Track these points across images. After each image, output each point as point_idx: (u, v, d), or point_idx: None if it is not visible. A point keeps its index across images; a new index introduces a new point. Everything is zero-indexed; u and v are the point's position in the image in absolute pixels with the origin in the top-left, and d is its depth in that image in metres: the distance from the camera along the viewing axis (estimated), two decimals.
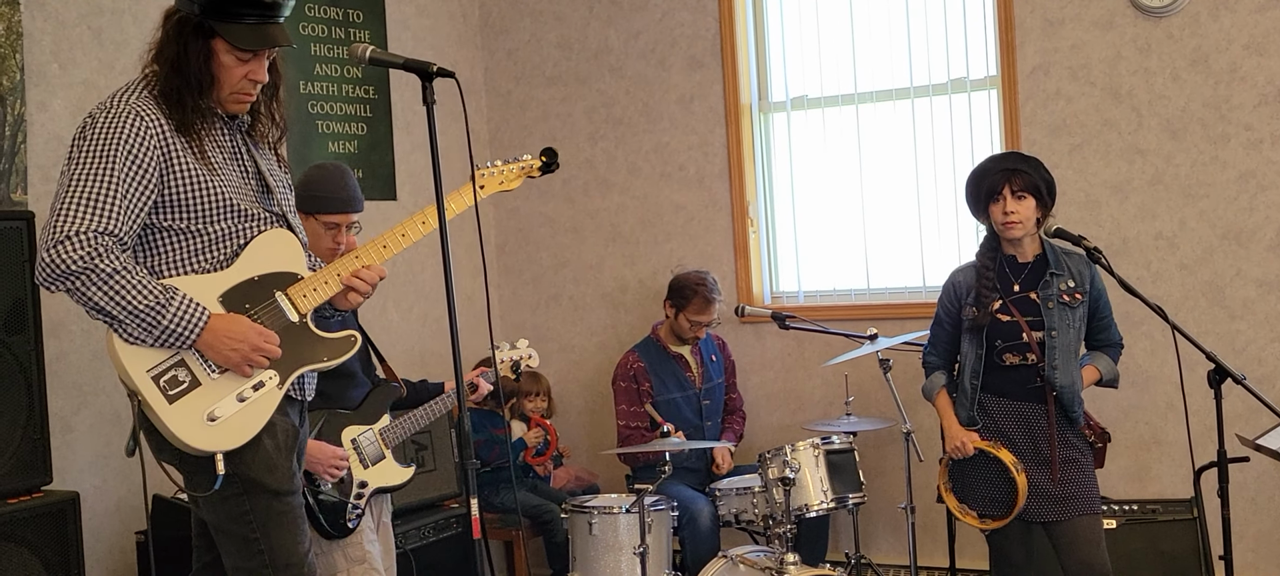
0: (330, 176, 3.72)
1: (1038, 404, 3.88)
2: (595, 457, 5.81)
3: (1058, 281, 3.89)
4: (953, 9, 5.26)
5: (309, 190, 3.66)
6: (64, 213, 2.67)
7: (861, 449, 4.86)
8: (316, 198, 3.66)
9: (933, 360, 4.10)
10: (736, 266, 5.70)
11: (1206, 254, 4.81)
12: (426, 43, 5.88)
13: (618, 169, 5.96)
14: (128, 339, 2.72)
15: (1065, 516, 3.86)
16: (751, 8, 5.69)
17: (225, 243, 2.84)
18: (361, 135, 5.58)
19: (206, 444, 2.75)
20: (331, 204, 3.67)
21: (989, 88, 5.20)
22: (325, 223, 3.65)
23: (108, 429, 4.48)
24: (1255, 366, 4.70)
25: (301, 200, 3.66)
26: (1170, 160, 4.84)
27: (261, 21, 2.79)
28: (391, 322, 5.62)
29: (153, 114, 2.75)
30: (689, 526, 4.84)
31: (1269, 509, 4.78)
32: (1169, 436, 4.89)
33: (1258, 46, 4.67)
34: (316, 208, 3.66)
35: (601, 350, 6.00)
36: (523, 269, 6.23)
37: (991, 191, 3.88)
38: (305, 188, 3.67)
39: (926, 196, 5.37)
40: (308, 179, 3.73)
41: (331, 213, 3.66)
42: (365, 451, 3.79)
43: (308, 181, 3.71)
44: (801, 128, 5.66)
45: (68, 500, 3.95)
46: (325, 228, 3.65)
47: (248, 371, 2.79)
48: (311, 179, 3.73)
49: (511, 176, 3.30)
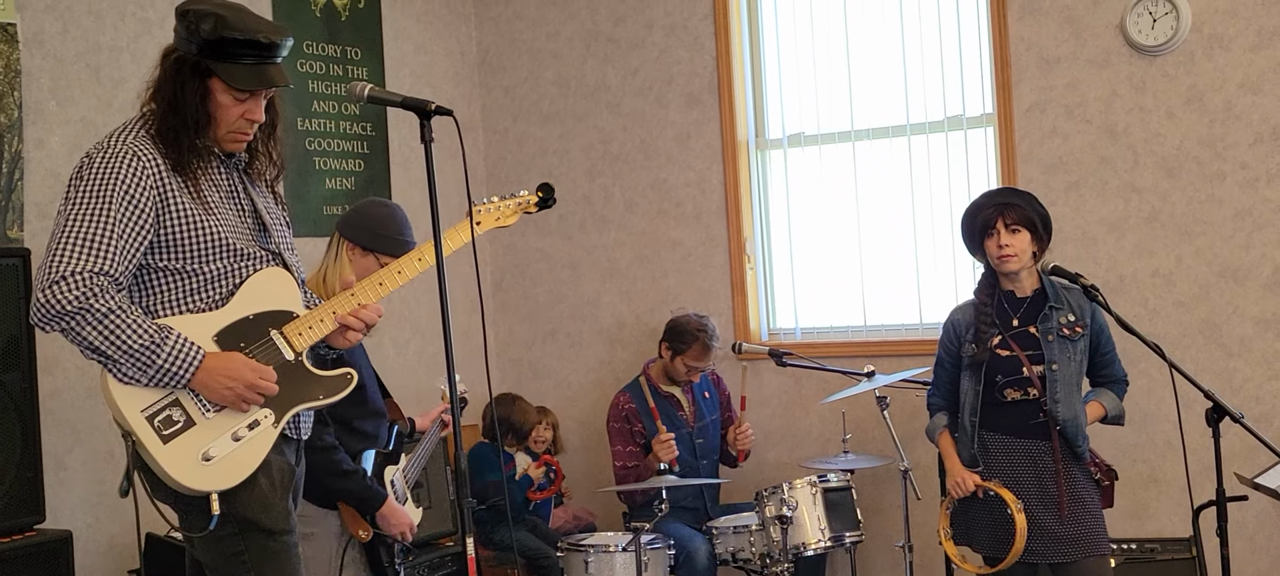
0: (398, 219, 3.70)
1: (1042, 440, 3.85)
2: (592, 496, 5.78)
3: (1057, 315, 3.89)
4: (949, 47, 5.28)
5: (378, 229, 3.64)
6: (59, 253, 2.66)
7: (859, 487, 4.84)
8: (383, 237, 3.63)
9: (936, 401, 4.08)
10: (733, 303, 5.69)
11: (1203, 292, 4.81)
12: (424, 81, 5.90)
13: (615, 205, 5.96)
14: (122, 379, 2.71)
15: (1073, 558, 3.81)
16: (748, 45, 5.72)
17: (220, 282, 2.83)
18: (359, 172, 5.58)
19: (201, 484, 2.73)
20: (397, 247, 3.62)
21: (985, 125, 5.22)
22: (383, 262, 3.59)
23: (101, 467, 4.46)
24: (1253, 405, 4.69)
25: (367, 236, 3.63)
26: (1166, 198, 4.85)
27: (259, 62, 2.80)
28: (387, 358, 5.60)
29: (149, 154, 2.75)
30: (685, 565, 4.81)
31: (1268, 548, 4.76)
32: (1167, 475, 4.87)
33: (1253, 85, 4.69)
34: (382, 247, 3.61)
35: (598, 387, 5.99)
36: (519, 305, 6.22)
37: (986, 226, 3.89)
38: (375, 226, 3.64)
39: (923, 233, 5.38)
40: (378, 217, 3.69)
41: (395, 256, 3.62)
42: (398, 492, 3.79)
43: (378, 220, 3.68)
44: (798, 165, 5.67)
45: (61, 538, 3.93)
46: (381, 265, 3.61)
47: (244, 408, 2.78)
48: (381, 217, 3.69)
49: (508, 212, 3.30)
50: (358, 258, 3.63)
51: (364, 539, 3.63)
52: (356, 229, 3.66)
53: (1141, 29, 4.81)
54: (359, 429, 3.62)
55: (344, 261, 3.62)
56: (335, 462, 3.50)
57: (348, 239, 3.66)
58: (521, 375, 6.18)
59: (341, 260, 3.63)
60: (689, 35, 5.74)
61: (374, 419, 3.70)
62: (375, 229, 3.65)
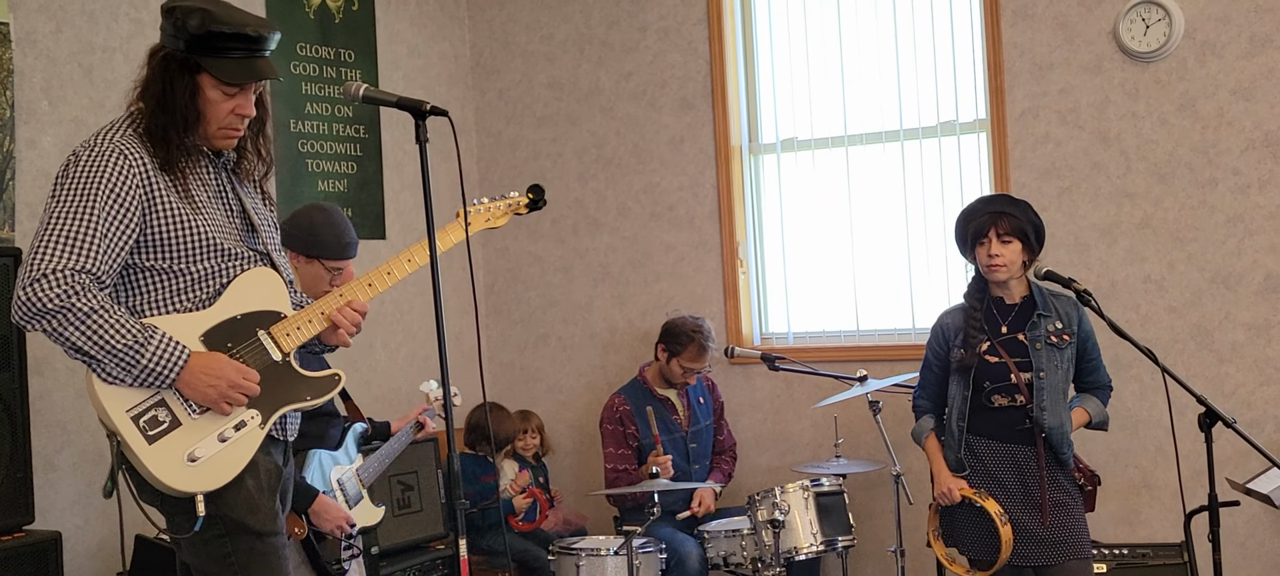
0: (335, 221, 3.74)
1: (1027, 446, 3.88)
2: (583, 499, 5.77)
3: (1045, 322, 3.90)
4: (942, 52, 5.28)
5: (314, 234, 3.67)
6: (42, 251, 2.65)
7: (851, 491, 4.84)
8: (322, 242, 3.67)
9: (922, 404, 4.09)
10: (726, 307, 5.69)
11: (1195, 297, 4.81)
12: (417, 82, 5.89)
13: (608, 209, 5.96)
14: (106, 379, 2.69)
15: (1055, 561, 3.85)
16: (742, 50, 5.72)
17: (208, 282, 2.82)
18: (351, 174, 5.57)
19: (186, 485, 2.72)
20: (338, 249, 3.71)
21: (978, 131, 5.22)
22: (328, 266, 3.66)
23: (91, 468, 4.44)
24: (1244, 410, 4.70)
25: (304, 242, 3.66)
26: (1158, 204, 4.86)
27: (248, 56, 2.78)
28: (378, 361, 5.59)
29: (137, 152, 2.74)
30: (677, 569, 4.81)
31: (1259, 553, 4.76)
32: (1159, 480, 4.87)
33: (1245, 92, 4.70)
34: (322, 252, 3.66)
35: (590, 391, 5.98)
36: (511, 309, 6.21)
37: (978, 233, 3.90)
38: (310, 231, 3.67)
39: (916, 238, 5.38)
40: (312, 222, 3.72)
41: (338, 258, 3.68)
42: (347, 491, 3.77)
43: (312, 225, 3.70)
44: (791, 169, 5.67)
45: (50, 539, 3.92)
46: (327, 270, 3.66)
47: (226, 409, 2.76)
48: (316, 222, 3.72)
49: (498, 214, 3.30)
50: (302, 265, 3.66)
51: (298, 536, 3.62)
52: (293, 238, 3.67)
53: (1134, 35, 4.82)
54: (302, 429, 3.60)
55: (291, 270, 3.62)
56: None
57: (288, 248, 3.66)
58: (513, 379, 6.18)
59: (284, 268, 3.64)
60: (683, 39, 5.74)
61: (320, 419, 3.68)
62: (312, 235, 3.68)
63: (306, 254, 3.67)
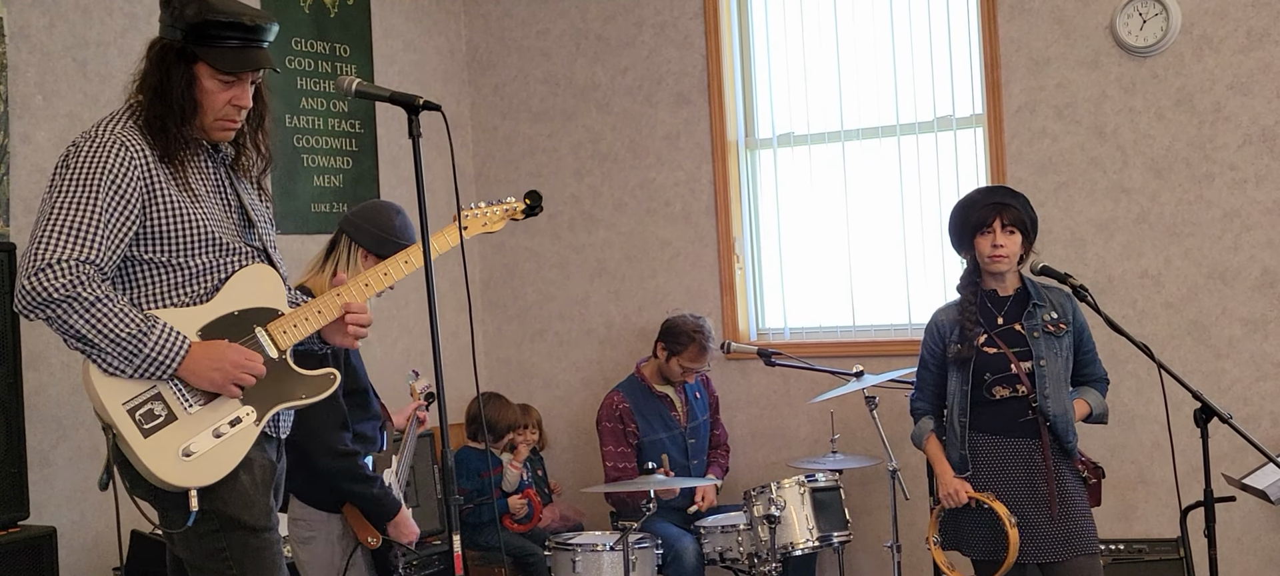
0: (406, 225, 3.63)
1: (1031, 438, 3.83)
2: (579, 495, 5.77)
3: (1041, 312, 3.88)
4: (939, 47, 5.28)
5: (389, 236, 3.57)
6: (45, 241, 2.64)
7: (847, 487, 4.84)
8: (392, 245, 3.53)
9: (920, 405, 4.03)
10: (722, 303, 5.69)
11: (1192, 293, 4.81)
12: (413, 78, 5.88)
13: (604, 205, 5.95)
14: (107, 369, 2.68)
15: (1063, 557, 3.79)
16: (738, 45, 5.71)
17: (206, 276, 2.81)
18: (347, 169, 5.56)
19: (180, 479, 2.71)
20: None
21: (975, 126, 5.22)
22: None
23: (86, 463, 4.43)
24: (1241, 405, 4.70)
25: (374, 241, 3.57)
26: (1155, 199, 4.85)
27: (244, 45, 2.78)
28: (375, 357, 5.58)
29: (137, 143, 2.73)
30: (674, 564, 4.81)
31: (1255, 548, 4.77)
32: (1155, 475, 4.88)
33: (1241, 87, 4.70)
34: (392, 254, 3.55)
35: (586, 386, 5.98)
36: (508, 304, 6.21)
37: (980, 223, 3.86)
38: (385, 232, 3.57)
39: (912, 233, 5.37)
40: (389, 225, 3.61)
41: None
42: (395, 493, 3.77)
43: (389, 227, 3.59)
44: (788, 164, 5.66)
45: (45, 535, 3.91)
46: None
47: (236, 392, 2.75)
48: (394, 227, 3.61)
49: (495, 219, 3.29)
50: (369, 265, 3.55)
51: (373, 546, 3.59)
52: (369, 236, 3.58)
53: (1131, 30, 4.82)
54: (361, 432, 3.59)
55: (357, 267, 3.56)
56: (358, 468, 3.48)
57: (361, 245, 3.59)
58: (510, 375, 6.17)
59: (356, 266, 3.57)
60: (679, 34, 5.73)
61: (373, 422, 3.68)
62: (388, 237, 3.57)
63: (378, 254, 3.53)
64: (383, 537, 3.60)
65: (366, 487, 3.52)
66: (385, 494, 3.58)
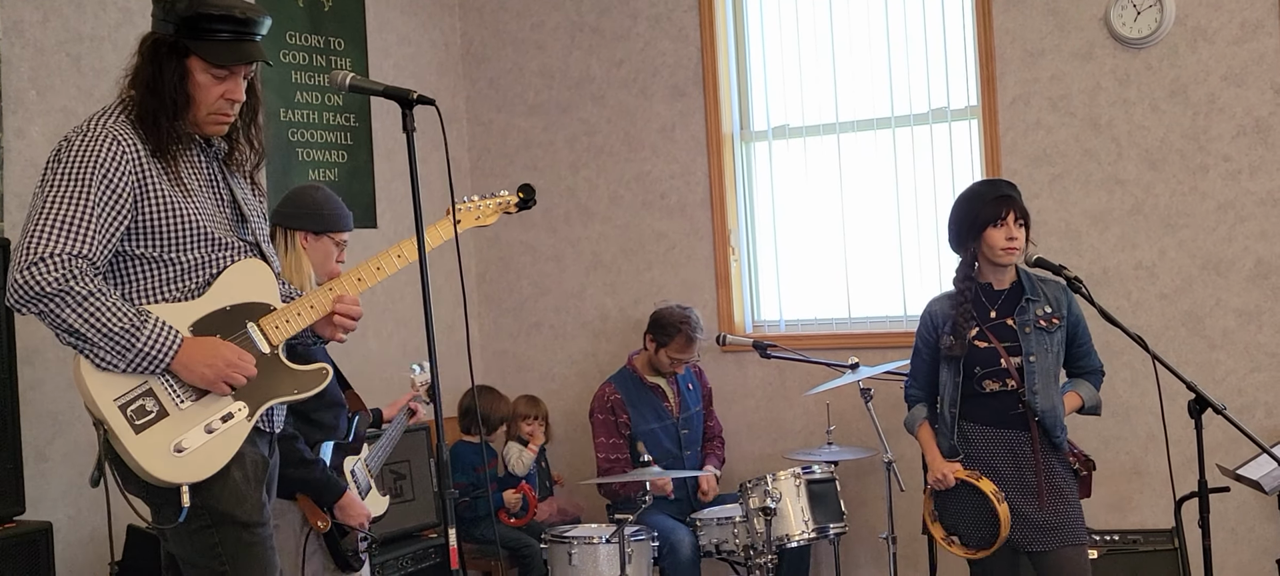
0: (330, 197, 3.73)
1: (1020, 430, 3.86)
2: (575, 488, 5.78)
3: (1034, 307, 3.89)
4: (933, 39, 5.28)
5: (320, 210, 3.65)
6: (38, 234, 2.64)
7: (843, 478, 4.85)
8: (327, 216, 3.66)
9: (914, 392, 4.07)
10: (718, 295, 5.69)
11: (1186, 284, 4.82)
12: (407, 71, 5.87)
13: (599, 197, 5.95)
14: (99, 364, 2.68)
15: (1052, 547, 3.82)
16: (733, 37, 5.71)
17: (198, 271, 2.81)
18: (342, 163, 5.56)
19: (172, 475, 2.71)
20: (344, 221, 3.70)
21: (969, 117, 5.22)
22: (336, 241, 3.67)
23: (82, 458, 4.43)
24: (1235, 396, 4.71)
25: (312, 220, 3.63)
26: (1150, 190, 4.86)
27: (237, 38, 2.78)
28: (371, 350, 5.59)
29: (129, 138, 2.73)
30: (670, 557, 4.81)
31: (1249, 539, 4.78)
32: (1150, 466, 4.89)
33: (1236, 78, 4.70)
34: (329, 226, 3.65)
35: (582, 379, 5.98)
36: (503, 297, 6.21)
37: (993, 217, 3.85)
38: (316, 209, 3.65)
39: (907, 225, 5.38)
40: (314, 200, 3.69)
41: (343, 230, 3.70)
42: (359, 482, 3.77)
43: (315, 202, 3.68)
44: (783, 156, 5.66)
45: (41, 530, 3.91)
46: (336, 244, 3.67)
47: (226, 389, 2.75)
48: (319, 199, 3.69)
49: (488, 212, 3.30)
50: (311, 243, 3.63)
51: (322, 530, 3.61)
52: (301, 217, 3.65)
53: (1125, 22, 4.82)
54: (316, 420, 3.59)
55: (299, 252, 3.61)
56: (295, 452, 3.47)
57: (297, 230, 3.63)
58: (505, 367, 6.17)
59: (298, 252, 3.62)
60: (674, 27, 5.73)
61: (332, 409, 3.68)
62: (318, 212, 3.66)
63: (315, 231, 3.64)
64: (333, 521, 3.61)
65: (305, 472, 3.52)
66: (326, 477, 3.56)
